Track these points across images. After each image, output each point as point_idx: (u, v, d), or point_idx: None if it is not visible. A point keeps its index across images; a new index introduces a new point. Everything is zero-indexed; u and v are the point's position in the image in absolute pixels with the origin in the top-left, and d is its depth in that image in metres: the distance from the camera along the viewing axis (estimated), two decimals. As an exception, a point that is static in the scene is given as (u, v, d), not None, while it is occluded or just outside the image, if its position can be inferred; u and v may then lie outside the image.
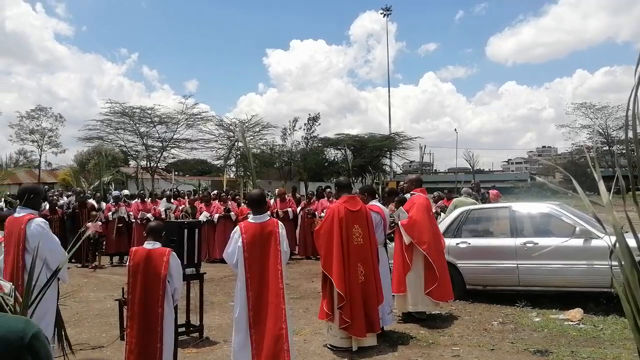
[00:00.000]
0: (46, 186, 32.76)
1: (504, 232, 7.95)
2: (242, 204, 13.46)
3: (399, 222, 6.81)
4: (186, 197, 15.39)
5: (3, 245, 4.39)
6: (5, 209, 9.25)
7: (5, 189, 13.96)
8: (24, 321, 1.33)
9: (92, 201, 13.82)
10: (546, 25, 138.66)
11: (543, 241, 7.29)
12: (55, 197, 15.70)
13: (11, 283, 2.80)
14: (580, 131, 51.64)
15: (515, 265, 7.40)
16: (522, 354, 5.41)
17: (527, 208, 8.17)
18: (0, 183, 11.39)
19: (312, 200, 13.99)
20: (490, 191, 11.43)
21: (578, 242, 7.00)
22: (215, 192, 15.93)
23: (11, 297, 2.63)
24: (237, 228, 4.71)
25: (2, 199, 13.09)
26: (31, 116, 43.10)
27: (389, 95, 55.92)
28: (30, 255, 4.12)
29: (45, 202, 13.50)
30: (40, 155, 44.71)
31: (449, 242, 7.73)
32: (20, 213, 4.40)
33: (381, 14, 55.97)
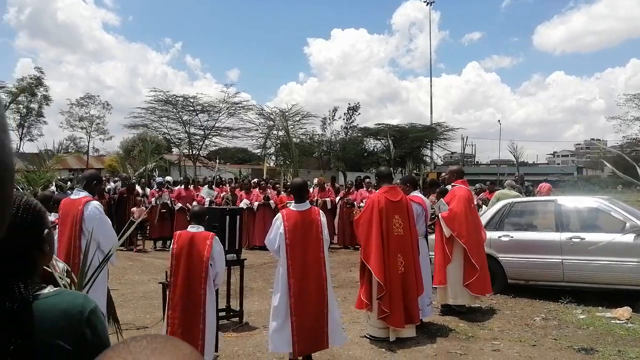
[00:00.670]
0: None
1: (548, 226, 7.74)
2: (282, 193, 13.58)
3: (440, 215, 6.74)
4: (227, 185, 15.65)
5: (57, 226, 4.57)
6: (56, 193, 9.63)
7: (56, 174, 14.52)
8: (83, 297, 1.40)
9: (137, 187, 14.26)
10: (598, 12, 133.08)
11: (590, 236, 7.06)
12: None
13: (64, 263, 2.92)
14: (633, 124, 49.45)
15: (560, 260, 7.20)
16: (565, 351, 5.27)
17: (573, 202, 7.93)
18: (51, 168, 11.88)
19: (351, 190, 13.99)
20: (541, 184, 11.10)
21: (628, 238, 6.75)
22: (256, 180, 16.12)
23: (65, 276, 2.75)
24: (278, 215, 4.77)
25: (54, 183, 13.62)
26: (80, 104, 44.71)
27: (431, 85, 55.03)
28: (85, 237, 4.28)
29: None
30: (88, 142, 46.41)
31: (491, 235, 7.58)
32: (77, 195, 4.56)
33: (424, 2, 54.74)
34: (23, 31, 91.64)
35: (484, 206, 10.10)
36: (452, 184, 7.17)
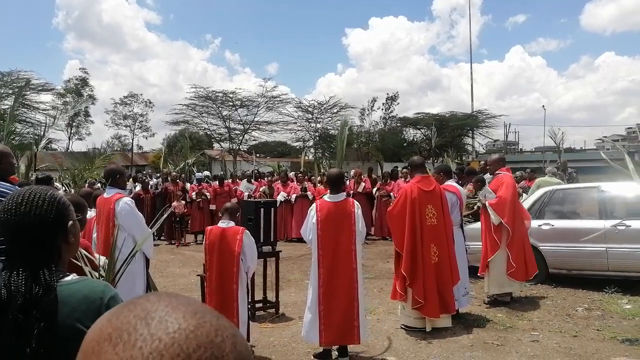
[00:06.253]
0: (138, 168, 35.15)
1: (591, 213, 7.49)
2: (318, 185, 13.63)
3: (487, 202, 6.62)
4: (266, 179, 15.85)
5: (95, 223, 4.77)
6: (101, 189, 10.03)
7: (102, 172, 15.05)
8: (103, 284, 1.52)
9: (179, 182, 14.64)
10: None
11: (637, 224, 6.79)
12: (146, 178, 16.75)
13: (105, 257, 3.05)
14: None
15: (604, 249, 6.96)
16: (608, 342, 5.11)
17: (618, 188, 7.63)
18: (98, 166, 12.31)
19: (388, 182, 13.90)
20: None
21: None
22: (292, 173, 16.27)
23: (104, 270, 2.87)
24: (312, 206, 4.84)
25: (98, 182, 14.14)
26: (124, 102, 45.94)
27: (471, 71, 53.15)
28: (120, 232, 4.46)
29: (138, 183, 14.53)
30: (132, 139, 47.73)
31: (530, 223, 7.38)
32: (109, 193, 4.75)
33: (463, -14, 53.52)
34: (70, 34, 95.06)
35: (524, 194, 9.83)
36: (497, 172, 7.04)
